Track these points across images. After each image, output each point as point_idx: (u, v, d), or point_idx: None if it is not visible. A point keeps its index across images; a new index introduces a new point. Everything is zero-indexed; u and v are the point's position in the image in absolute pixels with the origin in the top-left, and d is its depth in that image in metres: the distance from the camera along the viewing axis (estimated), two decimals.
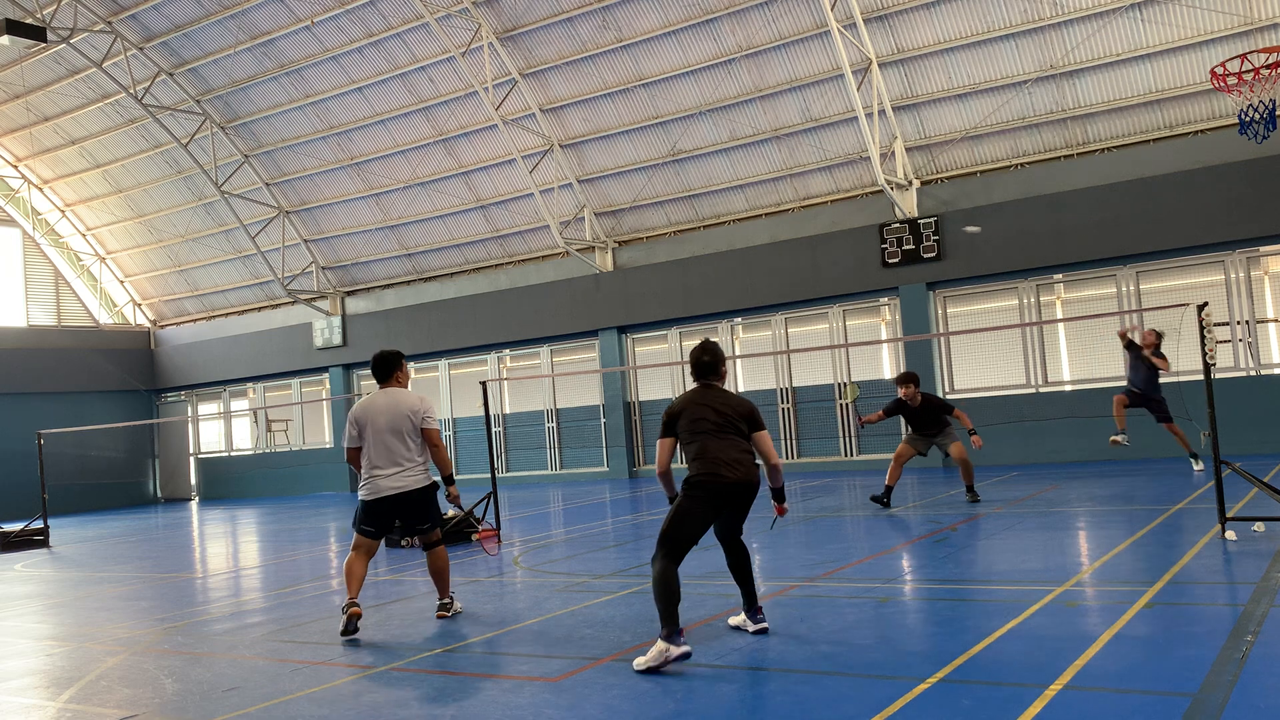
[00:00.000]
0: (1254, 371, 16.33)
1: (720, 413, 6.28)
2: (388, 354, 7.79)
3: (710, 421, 6.24)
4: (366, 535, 7.56)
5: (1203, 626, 5.73)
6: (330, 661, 6.63)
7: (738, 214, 21.23)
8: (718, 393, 6.44)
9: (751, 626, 6.38)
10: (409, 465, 7.48)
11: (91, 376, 29.43)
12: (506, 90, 21.32)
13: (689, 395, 6.44)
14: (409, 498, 7.50)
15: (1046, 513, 11.12)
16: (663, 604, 5.82)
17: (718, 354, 6.47)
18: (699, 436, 6.23)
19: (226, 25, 22.82)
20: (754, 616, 6.40)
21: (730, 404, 6.37)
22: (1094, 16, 16.52)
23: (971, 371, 18.59)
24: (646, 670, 5.68)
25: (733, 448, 6.20)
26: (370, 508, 7.49)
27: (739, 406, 6.41)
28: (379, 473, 7.44)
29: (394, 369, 7.74)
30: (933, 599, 7.23)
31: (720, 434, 6.21)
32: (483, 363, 24.91)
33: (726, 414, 6.29)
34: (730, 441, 6.21)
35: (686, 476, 6.21)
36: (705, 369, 6.47)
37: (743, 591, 6.46)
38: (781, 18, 18.56)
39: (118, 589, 11.35)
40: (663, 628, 5.75)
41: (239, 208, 25.99)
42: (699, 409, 6.30)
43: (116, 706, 5.96)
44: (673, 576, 5.90)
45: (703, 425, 6.24)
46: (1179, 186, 16.52)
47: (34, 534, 17.60)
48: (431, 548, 7.75)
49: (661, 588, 5.87)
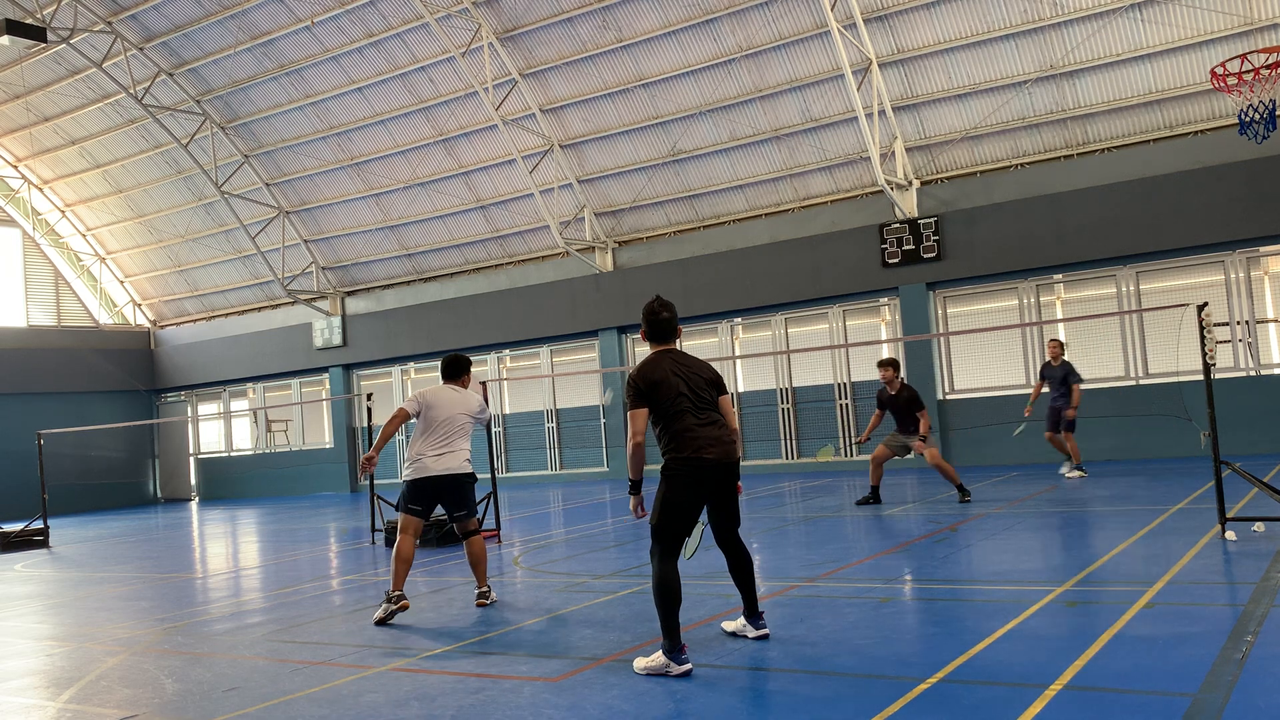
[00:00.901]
0: (1254, 371, 16.33)
1: (693, 384, 5.92)
2: (461, 357, 8.54)
3: (687, 397, 5.86)
4: (414, 514, 8.00)
5: (1203, 626, 5.73)
6: (330, 661, 6.63)
7: (738, 214, 21.23)
8: (684, 358, 6.05)
9: (752, 632, 6.21)
10: (459, 452, 8.03)
11: (91, 376, 29.43)
12: (506, 90, 21.32)
13: (662, 364, 5.95)
14: (455, 481, 7.99)
15: (1046, 513, 11.12)
16: (664, 611, 5.65)
17: (675, 310, 6.13)
18: (677, 414, 5.84)
19: (226, 25, 22.82)
20: (755, 622, 6.23)
21: (699, 371, 6.02)
22: (1094, 16, 16.52)
23: (971, 371, 18.59)
24: (645, 674, 5.65)
25: (710, 424, 5.87)
26: (416, 487, 7.93)
27: (706, 372, 6.05)
28: (429, 455, 7.92)
29: (464, 371, 8.46)
30: (933, 599, 7.23)
31: (698, 410, 5.87)
32: (483, 363, 24.91)
33: (698, 384, 5.94)
34: (707, 416, 5.89)
35: (666, 462, 5.88)
36: (668, 329, 6.07)
37: (744, 596, 6.23)
38: (781, 18, 18.56)
39: (118, 589, 11.35)
40: (665, 639, 5.64)
41: (239, 208, 25.99)
42: (675, 381, 5.88)
43: (116, 706, 5.96)
44: (674, 577, 5.73)
45: (681, 403, 5.85)
46: (1179, 186, 16.52)
47: (34, 534, 17.60)
48: (469, 536, 8.16)
49: (662, 591, 5.69)
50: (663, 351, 6.05)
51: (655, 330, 6.10)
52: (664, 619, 5.66)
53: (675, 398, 5.83)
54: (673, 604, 5.65)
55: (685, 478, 5.79)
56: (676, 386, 5.85)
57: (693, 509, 5.84)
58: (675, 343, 6.11)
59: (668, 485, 5.83)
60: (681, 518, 5.81)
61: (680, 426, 5.81)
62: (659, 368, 5.92)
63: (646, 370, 5.93)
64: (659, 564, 5.76)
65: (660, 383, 5.85)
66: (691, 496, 5.82)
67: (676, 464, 5.81)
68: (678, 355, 6.05)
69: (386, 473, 26.19)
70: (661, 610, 5.67)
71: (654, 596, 5.73)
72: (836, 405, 19.89)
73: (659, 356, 6.02)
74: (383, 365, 26.63)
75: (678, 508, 5.80)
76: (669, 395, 5.83)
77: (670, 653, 5.60)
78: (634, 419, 5.82)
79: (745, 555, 6.19)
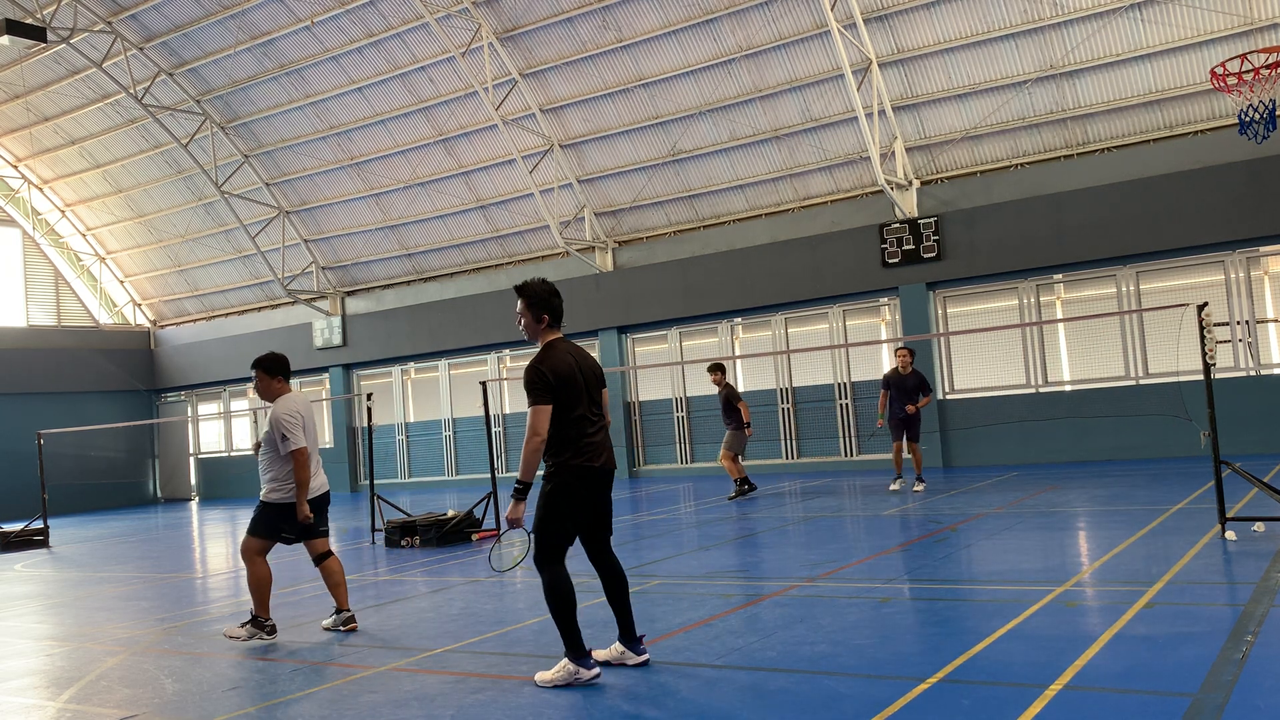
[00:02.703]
0: (1254, 371, 16.33)
1: (588, 381, 5.57)
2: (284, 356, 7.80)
3: (586, 393, 5.52)
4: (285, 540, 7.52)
5: (1203, 626, 5.73)
6: (330, 661, 6.63)
7: (738, 214, 21.23)
8: (578, 350, 5.70)
9: (633, 659, 5.76)
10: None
11: (91, 376, 29.43)
12: (506, 90, 21.32)
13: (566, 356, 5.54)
14: (326, 499, 7.63)
15: (1046, 513, 11.12)
16: (562, 616, 5.44)
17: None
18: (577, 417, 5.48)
19: (226, 25, 22.82)
20: (634, 647, 5.78)
21: (592, 367, 5.67)
22: (1094, 16, 16.52)
23: (971, 372, 18.59)
24: (551, 687, 5.45)
25: (601, 429, 5.59)
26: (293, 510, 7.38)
27: (597, 368, 5.72)
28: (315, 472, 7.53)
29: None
30: (933, 599, 7.23)
31: (592, 411, 5.56)
32: (483, 363, 24.91)
33: (592, 382, 5.61)
34: (599, 419, 5.59)
35: (555, 465, 5.52)
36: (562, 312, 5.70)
37: (619, 618, 5.76)
38: (781, 18, 18.56)
39: (118, 589, 11.35)
40: (567, 646, 5.46)
41: (239, 208, 25.99)
42: (578, 377, 5.51)
43: (116, 706, 5.96)
44: (565, 580, 5.48)
45: (581, 403, 5.49)
46: (1179, 186, 16.52)
47: (34, 534, 17.60)
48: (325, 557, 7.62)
49: (555, 596, 5.44)
50: (561, 340, 5.68)
51: (556, 313, 5.69)
52: (562, 625, 5.46)
53: (577, 392, 5.50)
54: (568, 608, 5.46)
55: (575, 484, 5.51)
56: (579, 381, 5.53)
57: (582, 515, 5.60)
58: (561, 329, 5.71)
59: (556, 490, 5.52)
60: (569, 524, 5.56)
61: (577, 431, 5.49)
62: (564, 360, 5.54)
63: (554, 362, 5.51)
64: (548, 570, 5.51)
65: (569, 378, 5.49)
66: (580, 503, 5.57)
67: (567, 469, 5.49)
68: (572, 345, 5.70)
69: (387, 473, 26.21)
70: (558, 616, 5.46)
71: (548, 603, 5.49)
72: (836, 405, 19.88)
73: (560, 346, 5.63)
74: (383, 365, 26.62)
75: (567, 515, 5.54)
76: (572, 391, 5.49)
77: (575, 659, 5.43)
78: (539, 416, 5.38)
79: (619, 571, 5.80)
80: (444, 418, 25.51)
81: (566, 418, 5.46)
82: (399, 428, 26.27)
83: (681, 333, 21.98)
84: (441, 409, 25.62)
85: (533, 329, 5.72)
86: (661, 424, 22.13)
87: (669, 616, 7.10)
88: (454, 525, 12.48)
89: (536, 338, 5.72)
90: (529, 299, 5.68)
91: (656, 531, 12.28)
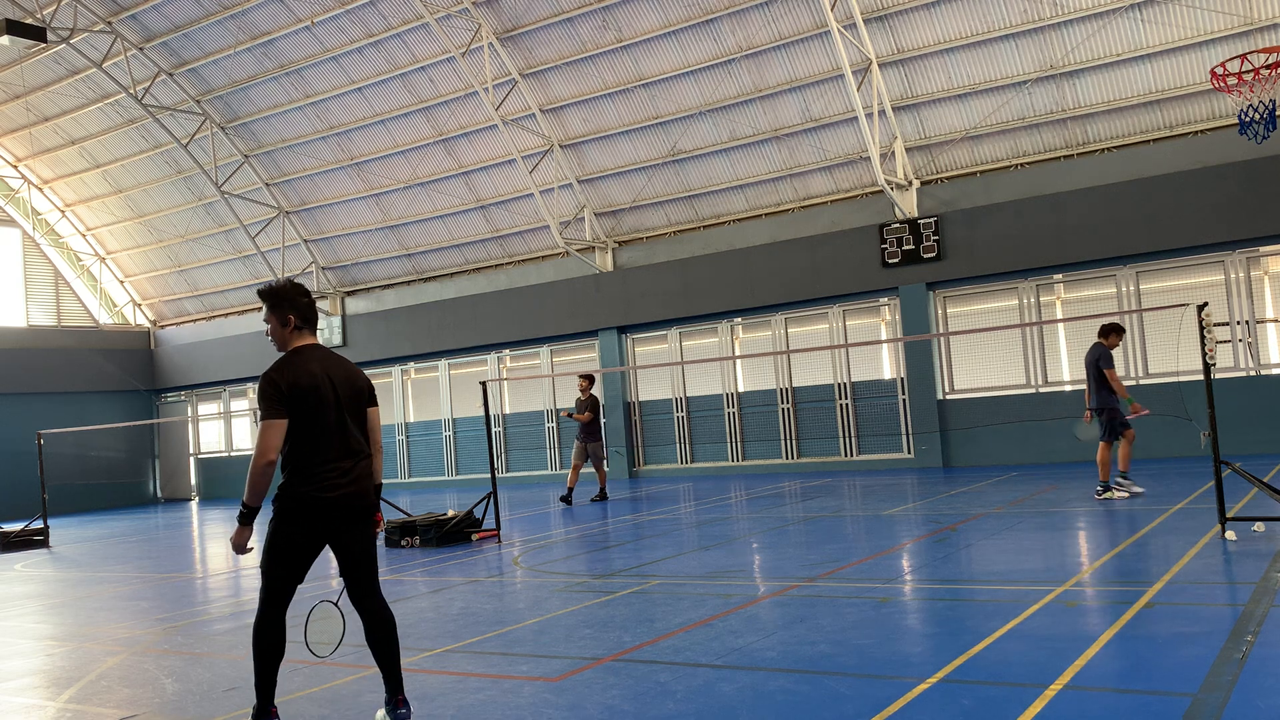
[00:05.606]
0: (1254, 371, 16.33)
1: (343, 394, 4.89)
2: None
3: (331, 414, 4.83)
4: None
5: (1203, 626, 5.73)
6: (330, 661, 6.63)
7: (738, 214, 21.23)
8: (332, 358, 4.99)
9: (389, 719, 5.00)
10: None
11: (91, 376, 29.43)
12: (506, 90, 21.32)
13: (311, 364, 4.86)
14: None
15: (1046, 513, 11.12)
16: (257, 664, 4.82)
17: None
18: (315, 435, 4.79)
19: (226, 25, 22.82)
20: (394, 711, 4.96)
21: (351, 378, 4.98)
22: (1094, 16, 16.52)
23: (971, 372, 18.58)
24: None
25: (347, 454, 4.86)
26: None
27: (360, 378, 5.02)
28: None
29: None
30: (933, 599, 7.23)
31: (341, 430, 4.86)
32: (483, 363, 24.91)
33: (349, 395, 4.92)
34: (347, 442, 4.87)
35: (280, 489, 4.86)
36: (314, 315, 5.02)
37: (383, 673, 5.02)
38: (781, 18, 18.56)
39: (118, 589, 11.35)
40: (257, 698, 4.85)
41: (239, 208, 25.99)
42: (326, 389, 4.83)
43: (116, 706, 5.97)
44: (274, 628, 4.83)
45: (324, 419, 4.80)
46: (1179, 186, 16.52)
47: (34, 534, 17.60)
48: None
49: (256, 643, 4.83)
50: (311, 347, 4.97)
51: (305, 314, 4.98)
52: (256, 673, 4.85)
53: (320, 411, 4.80)
54: (268, 658, 4.84)
55: (299, 515, 4.81)
56: (326, 395, 4.83)
57: (308, 553, 4.88)
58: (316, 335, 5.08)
59: (278, 520, 4.85)
60: (291, 561, 4.85)
61: (312, 453, 4.79)
62: (307, 368, 4.84)
63: (292, 372, 4.81)
64: (262, 609, 4.87)
65: (310, 390, 4.79)
66: (304, 539, 4.85)
67: (291, 497, 4.81)
68: (326, 354, 5.00)
69: (387, 473, 26.21)
70: (255, 663, 4.85)
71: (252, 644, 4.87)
72: (836, 405, 19.88)
73: (306, 352, 4.93)
74: (383, 365, 26.62)
75: (287, 550, 4.84)
76: (314, 407, 4.79)
77: (258, 714, 4.84)
78: (267, 432, 4.67)
79: (383, 618, 5.02)
80: (444, 418, 25.51)
81: (301, 437, 4.76)
82: (399, 428, 26.27)
83: (681, 333, 21.97)
84: (441, 409, 25.62)
85: (279, 334, 4.99)
86: (661, 424, 22.13)
87: (669, 616, 7.10)
88: (454, 525, 12.48)
89: (285, 345, 4.99)
90: (271, 300, 4.96)
91: (656, 531, 12.29)
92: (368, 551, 5.03)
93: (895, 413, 19.20)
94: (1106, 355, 11.61)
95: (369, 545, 5.03)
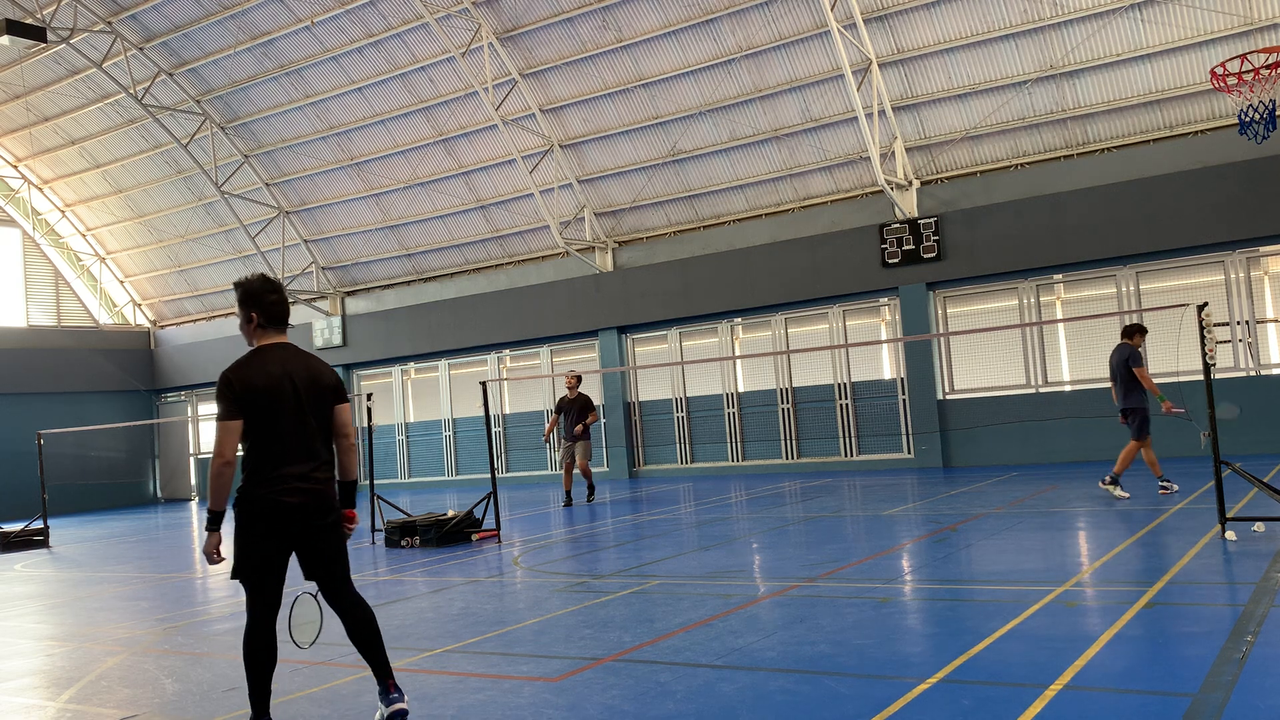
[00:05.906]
0: (1254, 371, 16.33)
1: (306, 393, 4.77)
2: None
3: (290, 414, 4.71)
4: None
5: (1203, 626, 5.73)
6: (330, 661, 6.63)
7: (738, 214, 21.23)
8: (298, 356, 4.88)
9: (384, 710, 4.96)
10: None
11: (91, 376, 29.42)
12: (506, 90, 21.32)
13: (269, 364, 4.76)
14: None
15: (1046, 513, 11.12)
16: (248, 674, 4.75)
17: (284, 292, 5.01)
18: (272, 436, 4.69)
19: (226, 25, 22.82)
20: (386, 697, 4.96)
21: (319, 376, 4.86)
22: (1094, 16, 16.52)
23: (971, 372, 18.58)
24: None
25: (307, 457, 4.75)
26: None
27: (327, 377, 4.90)
28: None
29: None
30: (933, 599, 7.23)
31: (300, 430, 4.74)
32: (483, 363, 24.91)
33: (313, 394, 4.79)
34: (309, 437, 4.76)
35: (240, 492, 4.77)
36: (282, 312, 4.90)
37: (371, 666, 4.99)
38: (781, 18, 18.56)
39: (118, 589, 11.36)
40: (251, 709, 4.79)
41: (239, 208, 25.98)
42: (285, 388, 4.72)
43: (116, 706, 5.97)
44: (261, 635, 4.74)
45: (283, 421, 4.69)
46: (1179, 186, 16.52)
47: (34, 534, 17.60)
48: None
49: (245, 650, 4.76)
50: (274, 346, 4.87)
51: (269, 312, 4.86)
52: (248, 683, 4.78)
53: (276, 412, 4.70)
54: (258, 666, 4.76)
55: (259, 519, 4.74)
56: (285, 396, 4.73)
57: (274, 556, 4.80)
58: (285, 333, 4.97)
59: (239, 526, 4.77)
60: (262, 566, 4.77)
61: (269, 455, 4.70)
62: (265, 369, 4.75)
63: (248, 372, 4.73)
64: (248, 617, 4.80)
65: (265, 390, 4.69)
66: (269, 543, 4.77)
67: (250, 500, 4.73)
68: (290, 353, 4.88)
69: (387, 473, 26.21)
70: (246, 672, 4.78)
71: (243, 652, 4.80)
72: (836, 405, 19.88)
73: (267, 351, 4.84)
74: (383, 365, 26.63)
75: (254, 555, 4.76)
76: (269, 408, 4.70)
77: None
78: (222, 434, 4.62)
79: (361, 613, 4.98)
80: (444, 418, 25.51)
81: (257, 439, 4.68)
82: (399, 428, 26.27)
83: (681, 333, 21.97)
84: (441, 409, 25.62)
85: (245, 331, 4.96)
86: (661, 424, 22.13)
87: (669, 616, 7.10)
88: (454, 525, 12.48)
89: (251, 341, 4.97)
90: (239, 297, 4.93)
91: (656, 531, 12.29)
92: (339, 551, 4.99)
93: (895, 413, 19.20)
94: (1135, 354, 11.64)
95: (339, 545, 4.98)
